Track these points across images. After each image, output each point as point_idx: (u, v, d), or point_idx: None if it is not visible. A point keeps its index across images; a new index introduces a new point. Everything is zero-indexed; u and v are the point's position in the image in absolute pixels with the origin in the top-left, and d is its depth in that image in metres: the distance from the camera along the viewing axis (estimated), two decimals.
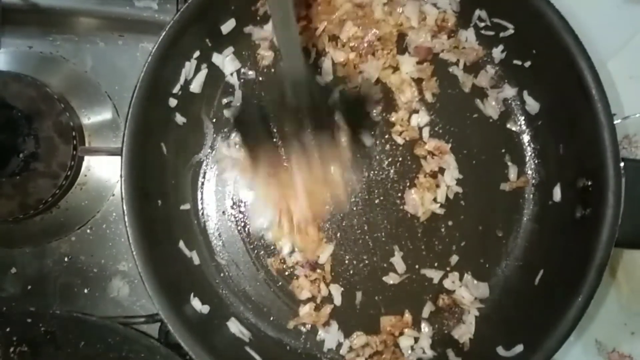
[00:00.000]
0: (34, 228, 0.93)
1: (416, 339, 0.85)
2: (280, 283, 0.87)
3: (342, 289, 0.86)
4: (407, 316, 0.86)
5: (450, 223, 0.87)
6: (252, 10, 0.85)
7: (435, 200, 0.86)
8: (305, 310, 0.86)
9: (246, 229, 0.87)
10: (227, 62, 0.86)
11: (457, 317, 0.86)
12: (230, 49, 0.86)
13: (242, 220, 0.87)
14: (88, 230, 0.94)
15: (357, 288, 0.86)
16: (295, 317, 0.86)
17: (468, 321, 0.85)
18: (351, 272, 0.87)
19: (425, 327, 0.86)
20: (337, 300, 0.86)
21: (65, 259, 0.94)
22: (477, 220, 0.87)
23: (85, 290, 0.93)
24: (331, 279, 0.86)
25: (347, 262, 0.87)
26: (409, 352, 0.85)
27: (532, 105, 0.86)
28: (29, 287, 0.93)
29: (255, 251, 0.87)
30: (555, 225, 0.83)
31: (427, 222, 0.87)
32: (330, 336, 0.85)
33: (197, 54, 0.81)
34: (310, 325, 0.86)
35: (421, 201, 0.86)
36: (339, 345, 0.86)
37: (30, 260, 0.93)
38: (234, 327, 0.83)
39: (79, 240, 0.94)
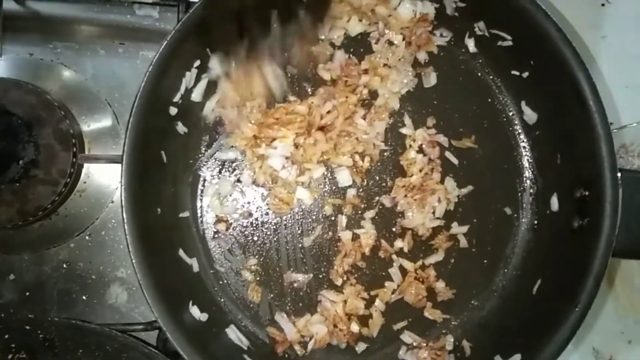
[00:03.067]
0: (32, 234, 0.93)
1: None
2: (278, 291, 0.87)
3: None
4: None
5: (448, 233, 0.87)
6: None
7: (433, 214, 0.87)
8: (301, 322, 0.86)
9: (245, 237, 0.88)
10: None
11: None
12: None
13: (240, 228, 0.88)
14: (87, 237, 0.94)
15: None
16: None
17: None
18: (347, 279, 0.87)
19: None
20: None
21: (64, 266, 0.93)
22: (475, 230, 0.88)
23: (84, 297, 0.93)
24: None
25: None
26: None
27: (530, 116, 0.87)
28: (27, 293, 0.93)
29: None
30: (553, 234, 0.84)
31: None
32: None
33: (197, 63, 0.82)
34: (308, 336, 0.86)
35: (422, 220, 0.86)
36: None
37: (29, 267, 0.93)
38: (233, 334, 0.83)
39: (77, 247, 0.94)
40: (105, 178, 0.95)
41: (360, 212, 0.88)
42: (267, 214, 0.88)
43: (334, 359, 0.86)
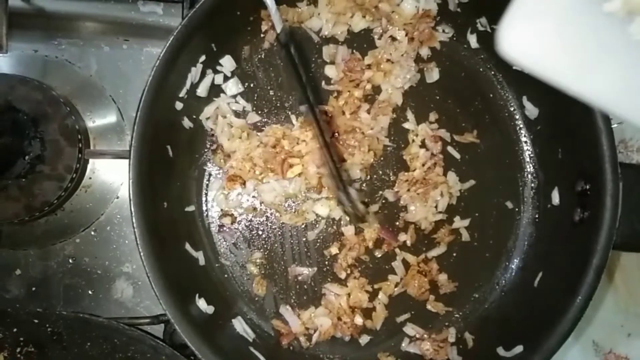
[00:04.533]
0: (38, 230, 0.93)
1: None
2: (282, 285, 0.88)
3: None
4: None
5: (450, 226, 0.88)
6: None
7: (436, 208, 0.88)
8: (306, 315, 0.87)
9: (250, 231, 0.88)
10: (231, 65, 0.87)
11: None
12: None
13: (245, 222, 0.89)
14: (92, 232, 0.95)
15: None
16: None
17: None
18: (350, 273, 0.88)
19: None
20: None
21: (70, 261, 0.94)
22: (477, 224, 0.89)
23: (90, 292, 0.94)
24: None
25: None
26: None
27: (531, 111, 0.88)
28: (34, 288, 0.93)
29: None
30: (554, 228, 0.84)
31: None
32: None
33: (202, 58, 0.82)
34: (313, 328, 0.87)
35: (424, 214, 0.87)
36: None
37: (35, 262, 0.94)
38: (239, 326, 0.84)
39: (83, 242, 0.95)
40: (110, 174, 0.96)
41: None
42: (271, 208, 0.89)
43: (338, 351, 0.87)
